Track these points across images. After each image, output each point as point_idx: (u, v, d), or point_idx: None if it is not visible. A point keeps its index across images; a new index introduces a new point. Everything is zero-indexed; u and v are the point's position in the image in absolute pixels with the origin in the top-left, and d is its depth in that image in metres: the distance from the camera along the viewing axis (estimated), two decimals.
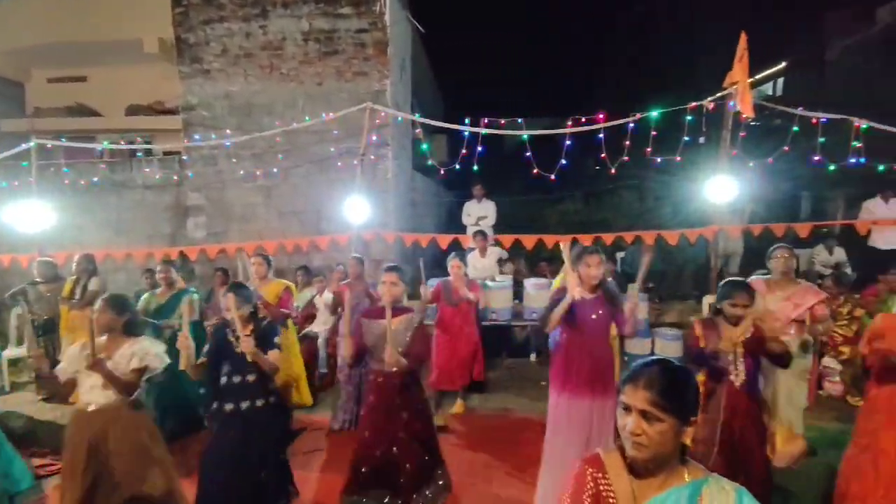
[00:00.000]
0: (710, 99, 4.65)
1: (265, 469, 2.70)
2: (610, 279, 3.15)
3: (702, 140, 4.77)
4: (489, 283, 5.38)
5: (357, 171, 5.65)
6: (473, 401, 4.71)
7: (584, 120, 4.92)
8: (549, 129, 5.31)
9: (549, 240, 5.16)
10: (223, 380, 2.67)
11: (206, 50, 6.80)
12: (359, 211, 5.52)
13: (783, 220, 6.44)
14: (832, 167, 5.12)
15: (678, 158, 4.87)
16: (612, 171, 5.04)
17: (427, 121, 5.72)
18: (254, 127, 6.48)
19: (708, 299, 4.94)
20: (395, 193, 7.09)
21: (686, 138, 4.78)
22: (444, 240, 5.56)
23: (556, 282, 3.91)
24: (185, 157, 7.01)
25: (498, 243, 5.77)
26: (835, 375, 4.71)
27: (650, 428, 1.14)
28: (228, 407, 2.65)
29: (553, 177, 5.02)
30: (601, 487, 1.22)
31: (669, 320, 5.94)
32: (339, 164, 6.39)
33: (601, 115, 4.83)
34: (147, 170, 7.01)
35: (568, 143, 5.02)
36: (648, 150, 4.87)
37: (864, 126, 4.71)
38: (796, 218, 9.84)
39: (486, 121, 5.02)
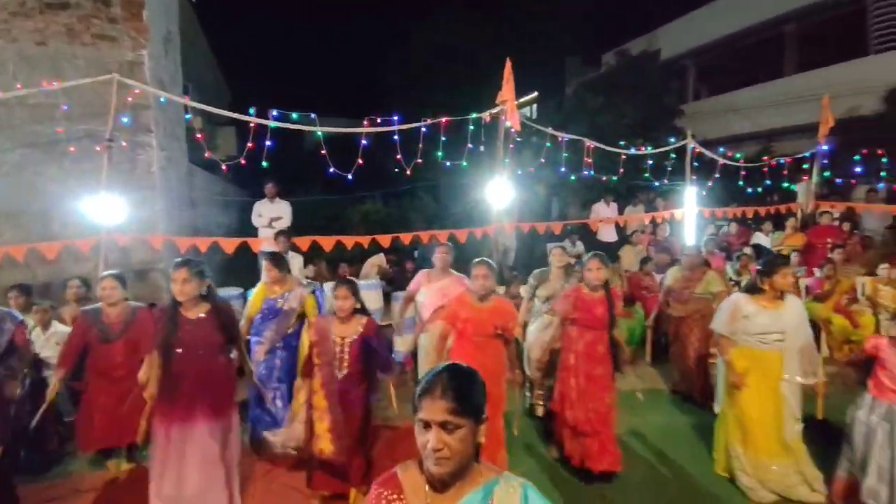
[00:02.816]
0: (486, 112, 5.26)
1: None
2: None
3: (482, 148, 5.38)
4: None
5: (104, 160, 4.45)
6: None
7: (379, 121, 4.97)
8: (345, 129, 5.19)
9: (349, 241, 5.03)
10: None
11: None
12: (110, 211, 4.36)
13: (542, 220, 7.93)
14: (573, 177, 6.58)
15: (464, 163, 5.41)
16: (409, 172, 5.24)
17: (199, 105, 4.87)
18: None
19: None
20: (165, 190, 5.89)
21: (470, 146, 5.32)
22: (230, 244, 4.84)
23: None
24: None
25: (294, 246, 5.30)
26: None
27: (451, 438, 1.12)
28: None
29: (350, 176, 4.91)
30: None
31: None
32: (71, 148, 4.92)
33: (396, 118, 4.95)
34: None
35: (364, 143, 5.01)
36: (439, 153, 5.25)
37: (593, 146, 6.09)
38: (549, 217, 12.22)
39: (274, 113, 4.56)
